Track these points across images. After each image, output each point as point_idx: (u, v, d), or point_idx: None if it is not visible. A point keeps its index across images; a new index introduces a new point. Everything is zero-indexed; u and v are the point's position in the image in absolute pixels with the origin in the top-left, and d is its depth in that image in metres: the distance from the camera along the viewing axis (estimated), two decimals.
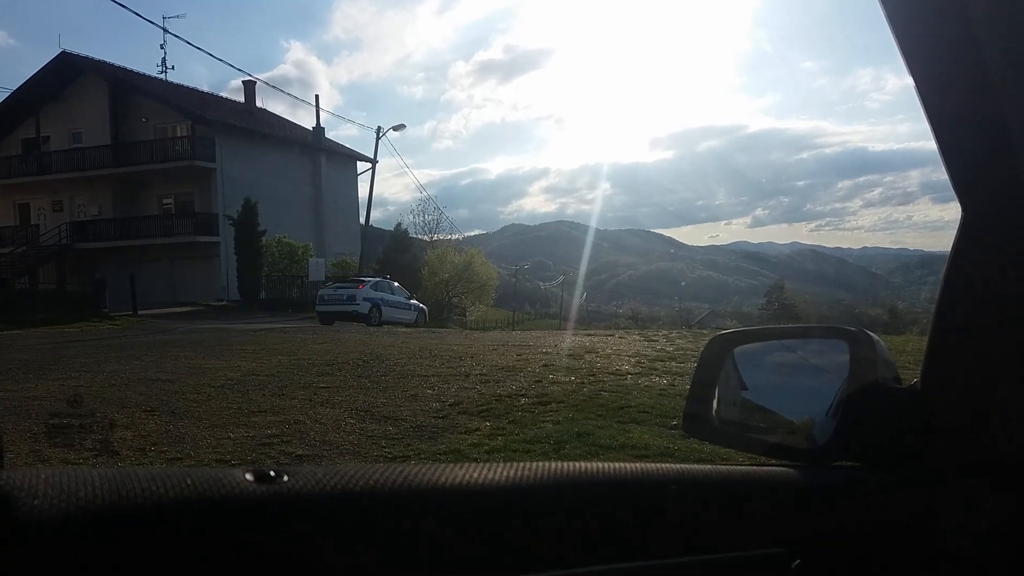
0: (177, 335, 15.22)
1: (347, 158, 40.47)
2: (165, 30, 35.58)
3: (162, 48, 66.18)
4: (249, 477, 0.59)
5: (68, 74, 33.87)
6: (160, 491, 0.55)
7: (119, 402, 6.95)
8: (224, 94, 42.04)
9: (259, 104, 40.00)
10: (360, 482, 0.63)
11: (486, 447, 5.38)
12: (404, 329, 18.69)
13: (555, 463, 0.73)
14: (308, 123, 41.82)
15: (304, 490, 0.60)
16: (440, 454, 5.23)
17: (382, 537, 0.61)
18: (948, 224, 0.96)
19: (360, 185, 42.00)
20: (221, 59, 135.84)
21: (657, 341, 11.99)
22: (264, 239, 29.31)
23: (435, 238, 46.23)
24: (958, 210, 0.87)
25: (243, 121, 35.27)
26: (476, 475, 0.68)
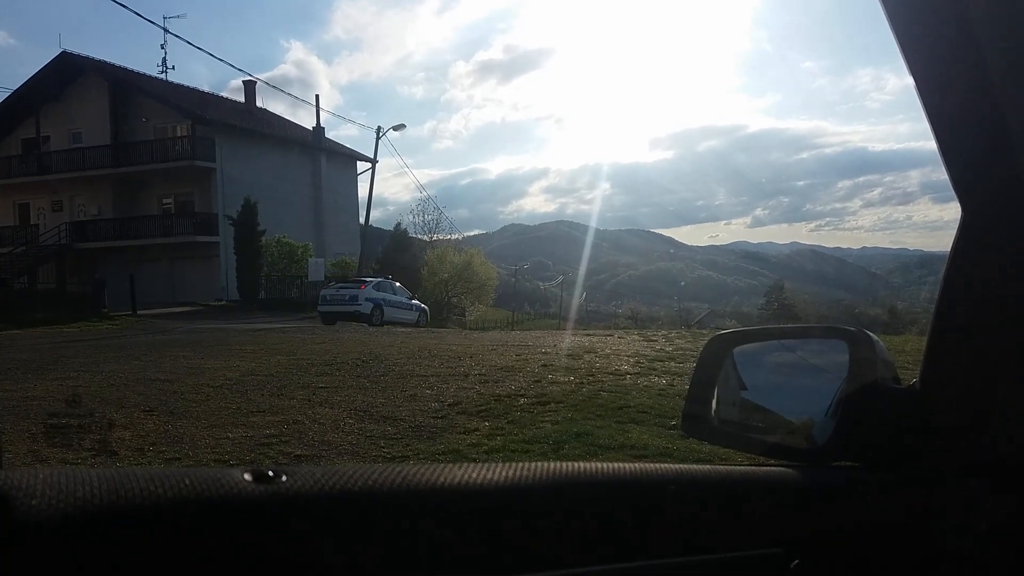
0: (176, 335, 15.22)
1: (347, 158, 40.46)
2: (165, 30, 35.66)
3: (162, 48, 66.29)
4: (248, 477, 0.59)
5: (68, 74, 33.86)
6: (159, 491, 0.55)
7: (118, 402, 6.95)
8: (224, 94, 42.13)
9: (259, 104, 40.02)
10: (359, 482, 0.62)
11: (485, 447, 5.38)
12: (403, 329, 18.69)
13: (554, 463, 0.73)
14: (308, 123, 41.87)
15: (303, 490, 0.60)
16: (439, 454, 5.23)
17: (381, 537, 0.61)
18: (948, 224, 0.96)
19: (360, 185, 42.10)
20: (221, 59, 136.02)
21: (656, 341, 12.00)
22: (264, 239, 29.32)
23: (435, 238, 46.29)
24: (958, 210, 0.87)
25: (243, 121, 35.27)
26: (475, 475, 0.68)
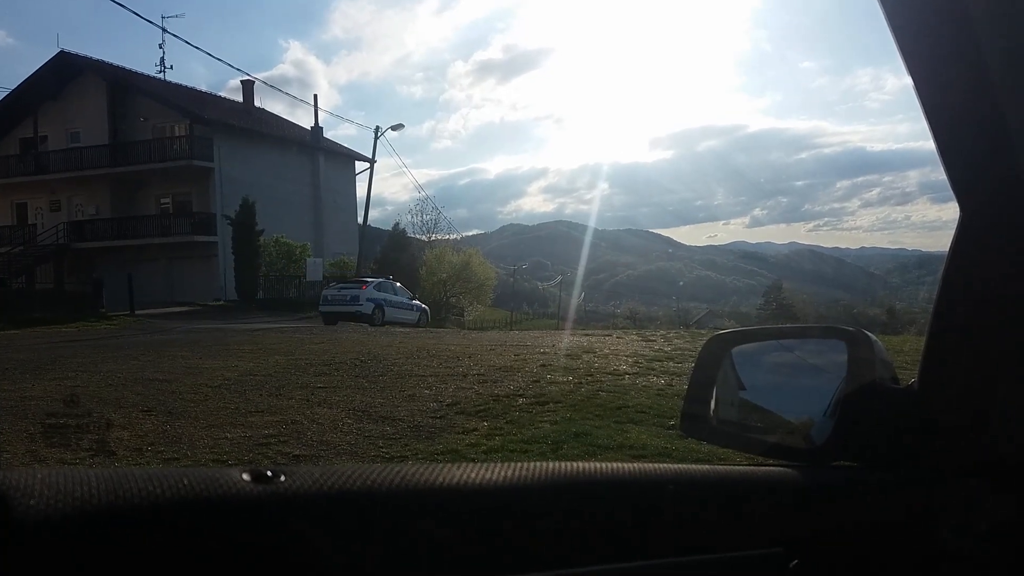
0: (174, 335, 15.21)
1: (345, 158, 40.45)
2: (164, 29, 35.70)
3: (161, 48, 66.53)
4: (246, 477, 0.59)
5: (66, 73, 33.85)
6: (157, 491, 0.55)
7: (116, 402, 6.95)
8: (223, 94, 42.09)
9: (257, 104, 40.04)
10: (357, 482, 0.62)
11: (484, 447, 5.38)
12: (401, 329, 18.68)
13: (553, 463, 0.73)
14: (307, 123, 41.75)
15: (301, 490, 0.60)
16: (438, 454, 5.23)
17: (380, 537, 0.61)
18: (946, 224, 0.96)
19: (358, 185, 42.08)
20: (220, 59, 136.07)
21: (655, 341, 12.00)
22: (262, 239, 29.32)
23: (433, 238, 46.31)
24: (956, 210, 0.87)
25: (241, 121, 35.26)
26: (474, 475, 0.67)
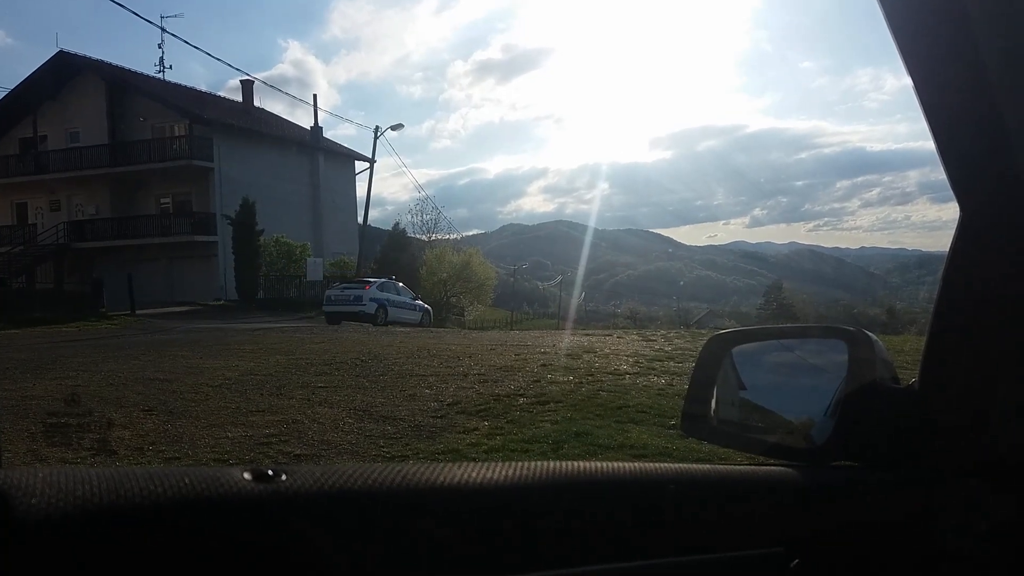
0: (175, 334, 15.21)
1: (345, 158, 40.43)
2: (163, 29, 35.77)
3: (160, 47, 66.23)
4: (247, 476, 0.59)
5: (66, 73, 33.82)
6: (158, 490, 0.55)
7: (117, 401, 6.95)
8: (222, 93, 42.08)
9: (257, 103, 40.06)
10: (358, 481, 0.62)
11: (484, 447, 5.38)
12: (402, 329, 18.68)
13: (553, 463, 0.73)
14: (306, 123, 41.73)
15: (302, 489, 0.60)
16: (438, 454, 5.23)
17: (380, 536, 0.61)
18: (946, 224, 0.96)
19: (358, 185, 42.04)
20: (219, 58, 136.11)
21: (655, 341, 11.99)
22: (262, 239, 29.31)
23: (433, 238, 46.26)
24: (956, 210, 0.87)
25: (241, 121, 35.25)
26: (474, 474, 0.67)
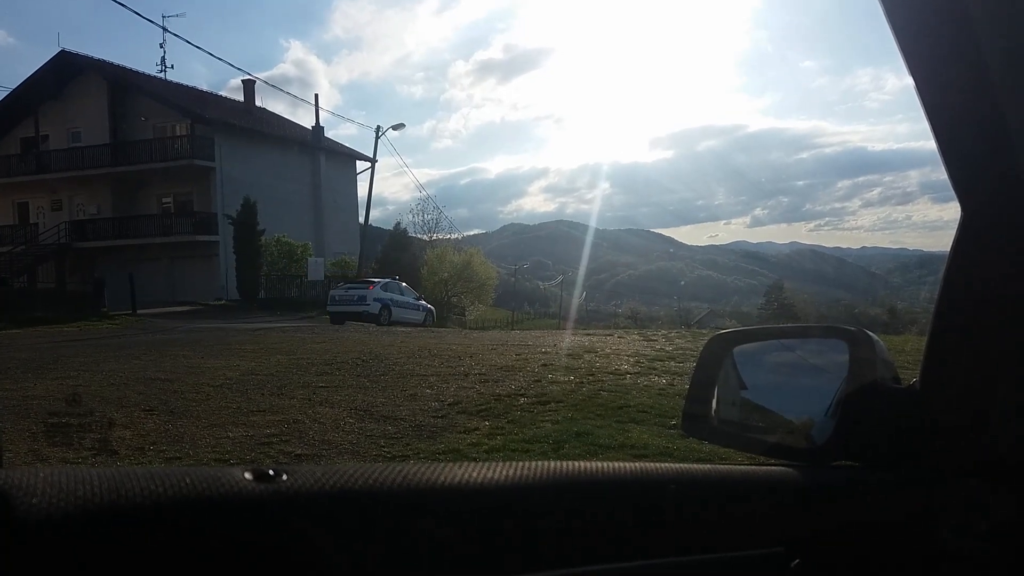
0: (176, 334, 15.21)
1: (346, 157, 40.44)
2: (165, 29, 35.66)
3: (161, 47, 66.59)
4: (248, 476, 0.59)
5: (67, 73, 33.84)
6: (159, 490, 0.55)
7: (118, 401, 6.95)
8: (223, 93, 42.09)
9: (258, 103, 40.03)
10: (359, 481, 0.62)
11: (485, 447, 5.38)
12: (403, 329, 18.69)
13: (554, 463, 0.73)
14: (308, 122, 41.81)
15: (303, 489, 0.60)
16: (439, 453, 5.23)
17: (381, 536, 0.61)
18: (947, 224, 0.96)
19: (359, 184, 42.08)
20: (221, 58, 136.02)
21: (656, 341, 11.99)
22: (263, 238, 29.31)
23: (434, 237, 46.27)
24: (957, 210, 0.87)
25: (242, 120, 35.26)
26: (475, 474, 0.67)
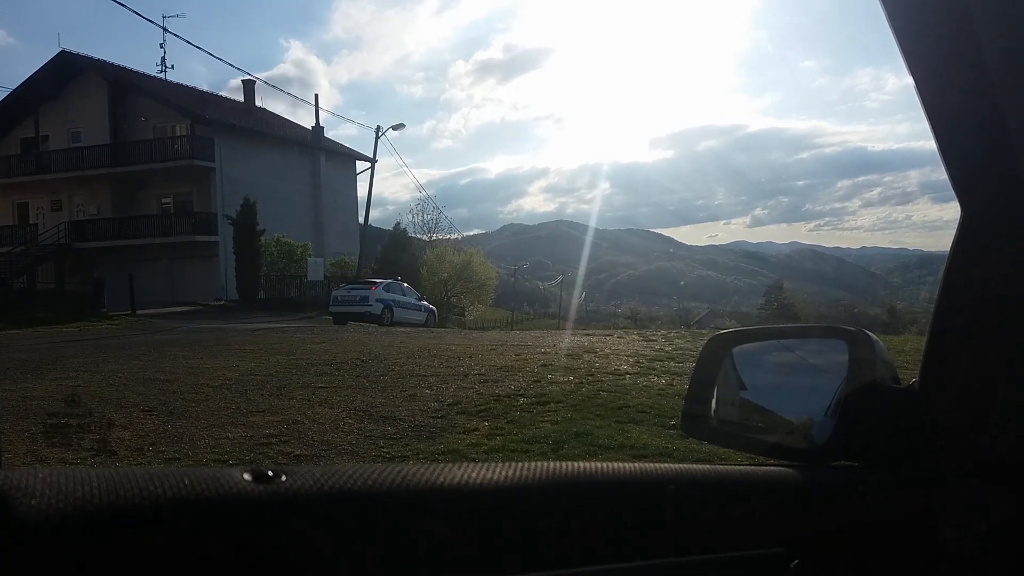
0: (176, 335, 15.21)
1: (346, 157, 40.44)
2: (165, 29, 35.63)
3: (161, 47, 66.64)
4: (247, 477, 0.59)
5: (67, 73, 33.84)
6: (158, 491, 0.55)
7: (117, 402, 6.95)
8: (223, 93, 42.09)
9: (258, 103, 40.02)
10: (358, 482, 0.62)
11: (484, 447, 5.38)
12: (403, 329, 18.70)
13: (553, 463, 0.73)
14: (307, 122, 41.80)
15: (302, 490, 0.60)
16: (438, 454, 5.23)
17: (380, 537, 0.61)
18: (947, 224, 0.96)
19: (359, 184, 42.05)
20: (221, 58, 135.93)
21: (656, 341, 11.99)
22: (263, 239, 29.31)
23: (434, 237, 46.30)
24: (957, 210, 0.87)
25: (242, 120, 35.27)
26: (475, 475, 0.67)
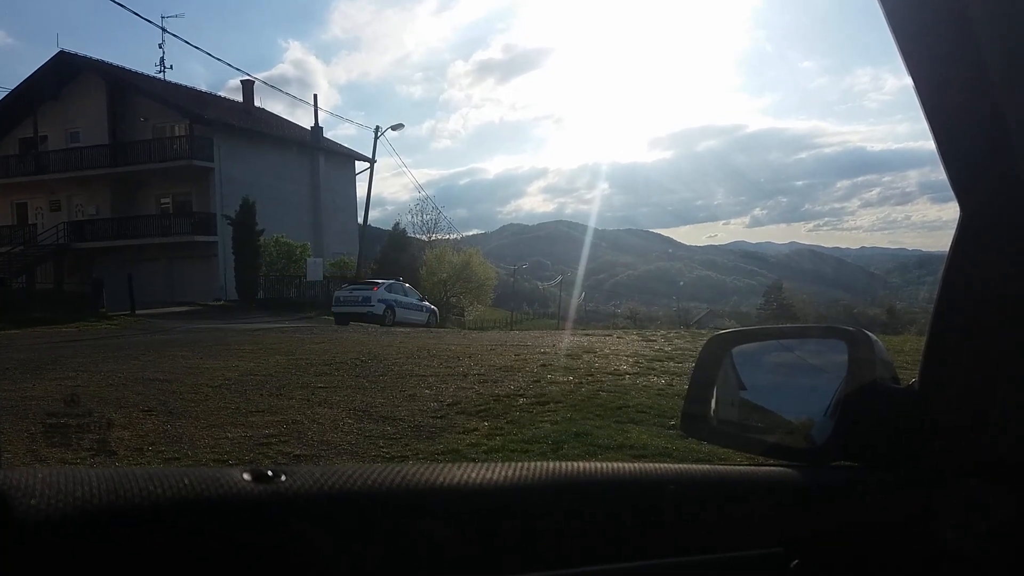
0: (175, 335, 15.21)
1: (345, 158, 40.42)
2: (164, 29, 35.76)
3: (160, 47, 66.30)
4: (247, 477, 0.59)
5: (66, 73, 33.84)
6: (157, 491, 0.55)
7: (116, 402, 6.95)
8: (222, 93, 42.08)
9: (257, 103, 40.04)
10: (358, 482, 0.62)
11: (484, 447, 5.37)
12: (402, 329, 18.70)
13: (553, 463, 0.73)
14: (307, 123, 41.74)
15: (302, 490, 0.60)
16: (438, 454, 5.23)
17: (380, 537, 0.61)
18: (946, 224, 0.96)
19: (358, 185, 42.04)
20: (219, 58, 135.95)
21: (655, 341, 12.00)
22: (262, 239, 29.31)
23: (433, 238, 46.29)
24: (956, 210, 0.87)
25: (241, 121, 35.26)
26: (474, 475, 0.67)
